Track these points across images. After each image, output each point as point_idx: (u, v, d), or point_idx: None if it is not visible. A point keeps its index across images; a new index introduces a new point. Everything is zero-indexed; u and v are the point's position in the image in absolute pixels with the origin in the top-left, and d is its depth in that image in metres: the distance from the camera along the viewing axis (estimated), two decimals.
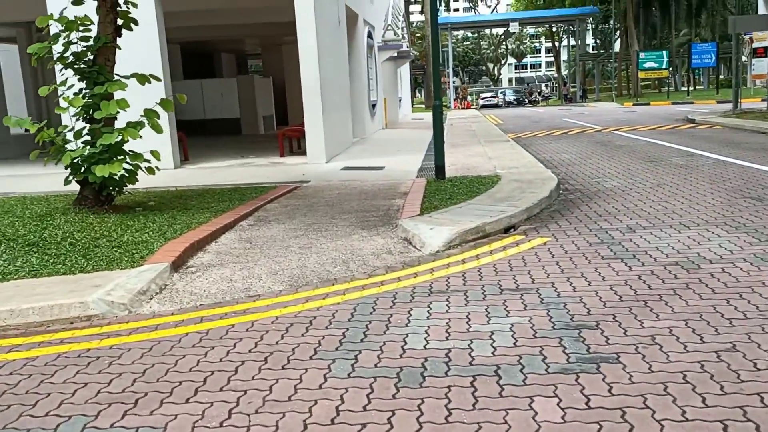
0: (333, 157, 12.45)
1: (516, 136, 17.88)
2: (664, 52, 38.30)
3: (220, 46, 24.82)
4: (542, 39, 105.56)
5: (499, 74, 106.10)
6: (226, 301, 4.48)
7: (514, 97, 52.81)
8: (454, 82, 53.30)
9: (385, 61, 23.78)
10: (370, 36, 18.97)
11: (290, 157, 12.74)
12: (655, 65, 37.51)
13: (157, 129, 6.82)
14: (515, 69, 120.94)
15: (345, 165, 11.38)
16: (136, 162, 6.96)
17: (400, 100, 29.22)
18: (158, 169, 7.08)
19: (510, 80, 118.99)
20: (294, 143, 13.62)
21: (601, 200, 7.56)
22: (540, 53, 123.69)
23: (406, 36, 24.98)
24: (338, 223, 6.61)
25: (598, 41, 77.27)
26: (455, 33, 57.41)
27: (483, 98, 53.83)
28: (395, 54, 24.87)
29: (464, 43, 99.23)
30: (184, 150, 12.77)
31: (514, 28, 44.93)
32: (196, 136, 20.02)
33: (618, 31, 51.17)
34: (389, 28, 21.07)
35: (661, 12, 43.99)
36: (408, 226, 6.06)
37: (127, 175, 6.96)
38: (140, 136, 6.87)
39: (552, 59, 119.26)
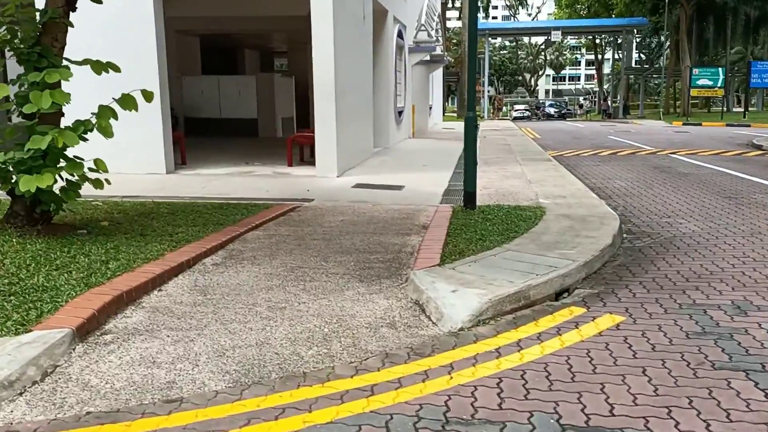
0: (347, 170, 10.83)
1: (557, 154, 16.08)
2: (720, 69, 35.90)
3: (243, 42, 23.46)
4: (583, 50, 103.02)
5: (536, 85, 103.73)
6: (129, 408, 2.88)
7: (555, 110, 50.38)
8: (489, 92, 51.32)
9: (416, 65, 22.15)
10: (400, 36, 17.36)
11: (299, 167, 11.17)
12: (710, 83, 35.14)
13: (106, 132, 5.25)
14: (553, 81, 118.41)
15: (358, 181, 9.75)
16: (82, 173, 5.41)
17: (430, 108, 27.55)
18: (108, 182, 5.51)
19: (547, 92, 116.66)
20: (306, 151, 12.05)
21: (681, 253, 5.79)
22: (580, 65, 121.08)
23: (440, 39, 23.31)
24: (330, 268, 4.97)
25: (642, 55, 74.49)
26: (492, 41, 55.37)
27: (516, 110, 51.89)
28: (428, 57, 23.23)
29: (501, 52, 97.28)
30: (181, 152, 11.28)
31: (555, 37, 42.96)
32: (209, 136, 18.65)
33: (667, 45, 48.75)
34: (422, 28, 19.42)
35: (715, 27, 41.59)
36: (423, 283, 4.39)
37: (68, 188, 5.41)
38: (83, 140, 5.32)
39: (592, 72, 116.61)
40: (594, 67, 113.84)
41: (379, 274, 4.82)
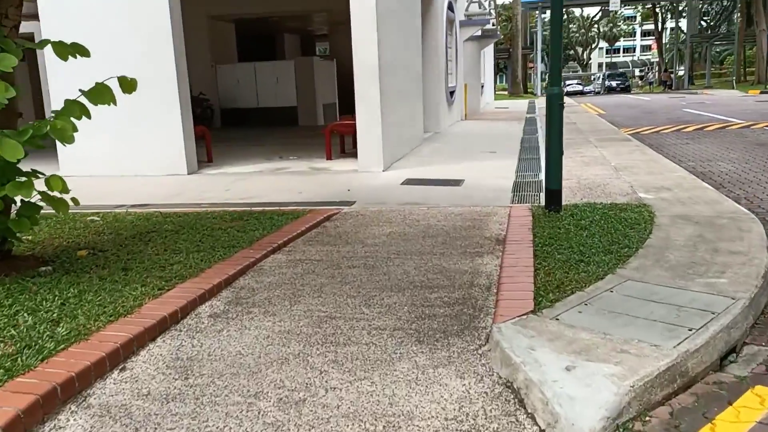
0: (394, 163, 9.30)
1: (633, 132, 14.13)
2: None
3: (281, 26, 22.10)
4: (638, 20, 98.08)
5: (589, 59, 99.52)
6: None
7: (617, 82, 46.71)
8: (540, 68, 48.64)
9: (467, 41, 20.35)
10: (450, 8, 15.63)
11: (339, 161, 9.70)
12: None
13: (63, 136, 3.82)
14: (606, 53, 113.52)
15: (408, 176, 8.21)
16: (42, 193, 4.02)
17: (482, 87, 25.67)
18: (75, 202, 4.12)
19: (600, 65, 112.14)
20: (347, 141, 10.58)
21: None
22: (634, 36, 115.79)
23: (492, 12, 21.40)
24: (374, 318, 3.46)
25: (702, 22, 69.76)
26: (543, 16, 52.24)
27: (569, 84, 49.03)
28: (479, 32, 21.39)
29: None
30: (207, 149, 9.97)
31: (614, 5, 40.03)
32: (246, 127, 17.41)
33: (735, 9, 45.03)
34: (474, 0, 17.62)
35: None
36: (515, 350, 2.85)
37: (22, 214, 4.05)
38: (37, 147, 3.95)
39: (648, 43, 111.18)
40: (652, 38, 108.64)
41: (446, 329, 3.29)
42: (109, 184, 8.34)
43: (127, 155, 8.86)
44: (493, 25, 22.20)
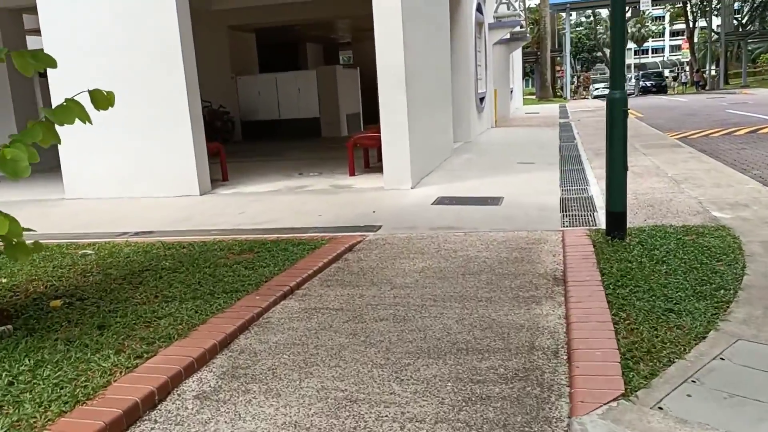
0: (423, 178, 8.47)
1: (679, 136, 13.09)
2: None
3: (304, 35, 21.49)
4: (666, 20, 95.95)
5: None
6: None
7: (653, 82, 43.99)
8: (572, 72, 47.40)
9: (495, 45, 19.45)
10: (479, 10, 14.78)
11: (363, 176, 8.90)
12: None
13: (16, 169, 3.05)
14: (635, 54, 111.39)
15: (440, 193, 7.36)
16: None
17: (511, 92, 24.71)
18: (39, 249, 3.38)
19: (628, 66, 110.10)
20: (371, 155, 9.78)
21: None
22: (662, 37, 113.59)
23: (522, 13, 20.48)
24: (408, 404, 2.60)
25: (734, 20, 67.54)
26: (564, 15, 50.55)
27: (596, 88, 47.68)
28: (507, 36, 20.48)
29: (577, 29, 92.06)
30: (222, 167, 9.26)
31: (645, 5, 38.74)
32: (268, 140, 16.75)
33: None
34: (503, 1, 16.75)
35: None
36: None
37: None
38: None
39: (678, 43, 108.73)
40: (682, 38, 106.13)
41: (506, 420, 2.44)
42: (116, 208, 7.66)
43: (135, 176, 8.18)
44: (522, 27, 21.26)
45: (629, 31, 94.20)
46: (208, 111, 16.50)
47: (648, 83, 43.71)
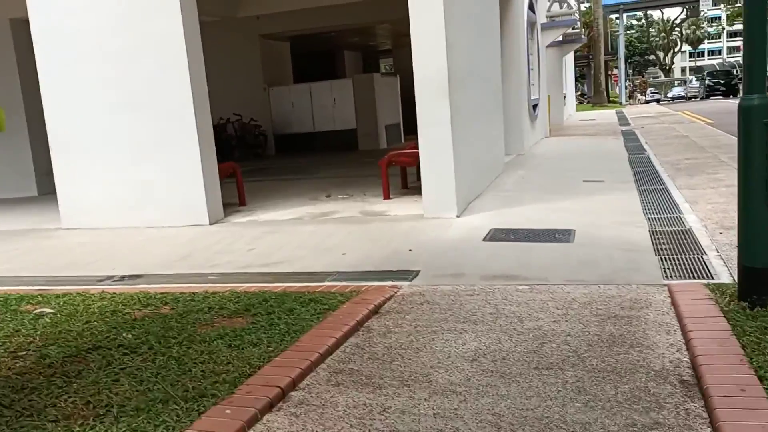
0: (471, 202, 7.09)
1: None
2: None
3: (341, 42, 20.40)
4: (724, 20, 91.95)
5: (672, 63, 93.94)
6: None
7: (722, 81, 39.40)
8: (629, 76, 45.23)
9: (548, 47, 17.93)
10: (531, 8, 13.35)
11: (400, 200, 7.59)
12: None
13: None
14: (690, 57, 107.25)
15: (493, 224, 5.97)
16: None
17: (564, 97, 23.06)
18: None
19: (683, 69, 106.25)
20: (410, 171, 8.46)
21: None
22: (719, 38, 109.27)
23: (577, 13, 18.90)
24: None
25: None
26: (616, 17, 48.10)
27: (652, 93, 45.26)
28: (560, 38, 18.93)
29: (628, 32, 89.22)
30: (238, 189, 8.08)
31: (705, 4, 36.50)
32: (302, 154, 15.63)
33: None
34: None
35: None
36: None
37: None
38: None
39: (736, 44, 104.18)
40: (740, 39, 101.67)
41: None
42: (113, 241, 6.55)
43: (138, 203, 7.07)
44: (575, 28, 19.67)
45: (683, 32, 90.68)
46: (238, 124, 15.50)
47: (714, 82, 39.73)
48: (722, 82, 39.30)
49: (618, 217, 6.01)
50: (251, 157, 15.59)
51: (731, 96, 37.65)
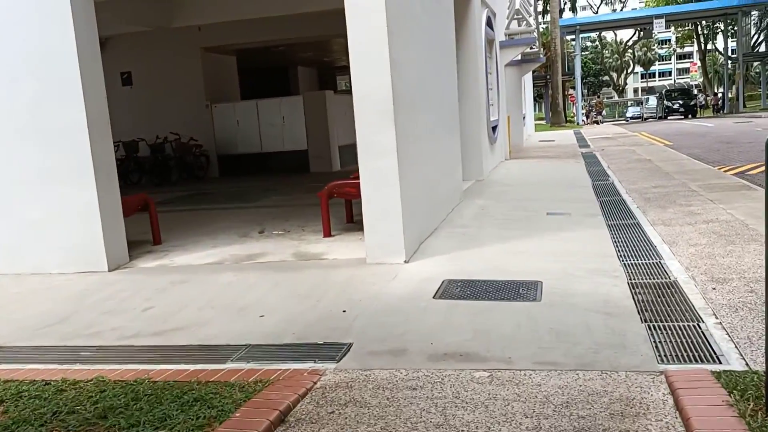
0: (423, 241, 6.16)
1: (735, 172, 10.76)
2: None
3: (294, 57, 19.42)
4: (673, 43, 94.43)
5: (625, 84, 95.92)
6: None
7: (680, 102, 38.51)
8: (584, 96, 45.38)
9: (506, 67, 17.30)
10: (489, 24, 12.62)
11: (342, 237, 6.61)
12: None
13: None
14: (641, 78, 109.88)
15: (448, 274, 5.03)
16: None
17: (524, 118, 22.51)
18: None
19: (635, 90, 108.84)
20: (356, 206, 7.49)
21: None
22: (668, 60, 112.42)
23: (536, 32, 18.36)
24: None
25: (744, 39, 65.19)
26: (573, 42, 47.87)
27: (633, 112, 45.46)
28: (519, 57, 18.35)
29: (582, 53, 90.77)
30: (152, 226, 6.97)
31: (659, 26, 36.73)
32: (248, 177, 14.52)
33: None
34: (517, 15, 14.63)
35: None
36: None
37: None
38: None
39: (685, 66, 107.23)
40: (689, 61, 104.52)
41: None
42: None
43: (23, 245, 5.91)
44: (534, 47, 19.13)
45: (636, 54, 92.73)
46: (177, 144, 14.33)
47: (673, 104, 38.86)
48: (681, 102, 38.68)
49: (590, 262, 5.14)
50: (192, 179, 14.43)
51: (690, 116, 37.49)
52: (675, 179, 9.96)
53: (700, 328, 3.63)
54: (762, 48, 49.49)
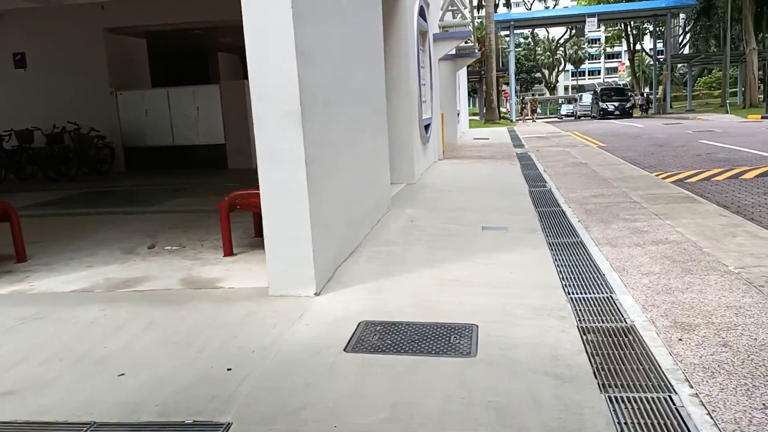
0: (339, 266, 5.24)
1: (675, 179, 10.36)
2: None
3: (213, 42, 18.05)
4: (602, 42, 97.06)
5: (557, 81, 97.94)
6: None
7: (617, 104, 36.89)
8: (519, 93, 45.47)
9: (440, 61, 16.58)
10: (422, 15, 11.79)
11: (247, 256, 5.61)
12: None
13: None
14: (572, 76, 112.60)
15: (366, 314, 4.14)
16: None
17: (458, 115, 21.94)
18: None
19: (566, 88, 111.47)
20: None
21: None
22: (597, 59, 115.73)
23: (471, 26, 17.71)
24: None
25: (662, 45, 67.21)
26: (507, 38, 47.92)
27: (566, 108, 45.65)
28: (453, 51, 17.69)
29: (516, 49, 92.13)
30: (15, 241, 5.76)
31: (591, 25, 37.06)
32: (155, 172, 13.21)
33: (720, 28, 42.54)
34: (452, 7, 13.87)
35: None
36: None
37: None
38: None
39: (614, 65, 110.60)
40: (618, 60, 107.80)
41: None
42: None
43: None
44: (469, 41, 18.50)
45: (567, 52, 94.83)
46: (76, 135, 12.85)
47: (611, 105, 37.01)
48: (616, 105, 37.12)
49: (533, 296, 4.37)
50: (95, 174, 12.99)
51: (625, 117, 35.99)
52: (615, 187, 9.43)
53: (673, 402, 2.88)
54: (686, 50, 51.10)
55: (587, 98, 43.10)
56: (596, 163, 12.92)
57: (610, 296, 4.40)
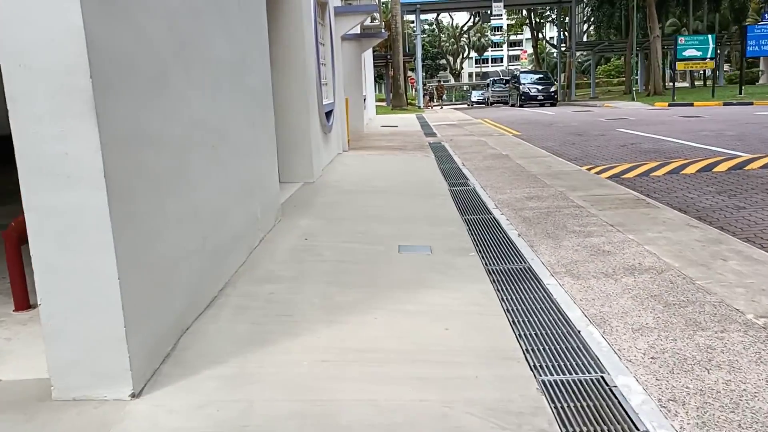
0: (189, 327, 3.43)
1: (607, 173, 9.18)
2: (709, 36, 30.13)
3: None
4: (505, 30, 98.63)
5: (461, 68, 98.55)
6: None
7: (540, 89, 34.18)
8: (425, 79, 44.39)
9: (344, 41, 14.83)
10: None
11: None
12: (698, 54, 29.29)
13: None
14: (476, 63, 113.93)
15: None
16: None
17: (364, 100, 20.26)
18: None
19: (470, 75, 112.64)
20: None
21: None
22: (500, 47, 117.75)
23: (376, 0, 16.04)
24: None
25: (565, 33, 68.49)
26: (411, 19, 46.68)
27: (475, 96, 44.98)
28: (358, 30, 15.98)
29: (422, 35, 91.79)
30: None
31: (497, 9, 36.40)
32: None
33: (621, 17, 43.17)
34: None
35: None
36: None
37: None
38: None
39: (516, 53, 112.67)
40: (520, 48, 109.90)
41: None
42: None
43: None
44: (374, 20, 16.85)
45: (470, 39, 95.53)
46: None
47: (531, 91, 34.37)
48: (540, 88, 34.70)
49: (485, 384, 2.76)
50: None
51: (548, 105, 33.95)
52: (548, 186, 8.07)
53: None
54: (585, 39, 51.90)
55: (500, 84, 42.34)
56: (518, 155, 11.63)
57: (601, 377, 2.88)
